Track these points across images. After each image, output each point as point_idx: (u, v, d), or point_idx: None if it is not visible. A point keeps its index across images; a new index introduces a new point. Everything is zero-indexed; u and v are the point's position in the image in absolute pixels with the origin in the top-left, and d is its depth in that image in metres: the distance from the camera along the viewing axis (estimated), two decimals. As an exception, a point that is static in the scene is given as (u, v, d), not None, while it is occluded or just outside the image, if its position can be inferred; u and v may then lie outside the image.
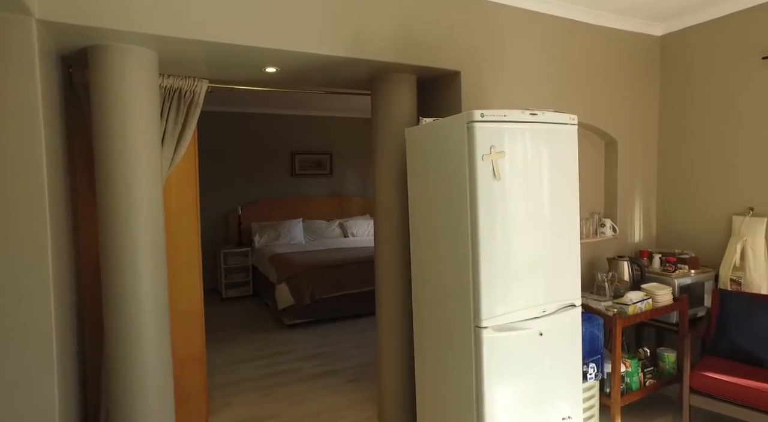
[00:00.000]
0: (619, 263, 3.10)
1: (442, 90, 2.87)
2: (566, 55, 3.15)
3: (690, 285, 3.09)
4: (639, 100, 3.53)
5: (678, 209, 3.54)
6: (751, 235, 3.04)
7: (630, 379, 2.79)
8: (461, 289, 2.07)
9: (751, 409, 2.41)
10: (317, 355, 4.15)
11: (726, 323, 2.80)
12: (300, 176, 7.09)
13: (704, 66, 3.34)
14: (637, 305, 2.74)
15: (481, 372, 2.01)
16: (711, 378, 2.53)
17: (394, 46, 2.51)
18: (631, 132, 3.50)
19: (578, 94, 3.20)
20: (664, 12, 3.29)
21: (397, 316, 2.76)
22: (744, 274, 3.04)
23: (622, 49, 3.41)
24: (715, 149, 3.31)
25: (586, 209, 3.40)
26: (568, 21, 3.14)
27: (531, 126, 2.11)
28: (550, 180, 2.19)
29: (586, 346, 2.53)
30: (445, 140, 2.14)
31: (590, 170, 3.46)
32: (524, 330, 2.10)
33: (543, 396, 2.20)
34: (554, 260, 2.21)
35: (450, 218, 2.13)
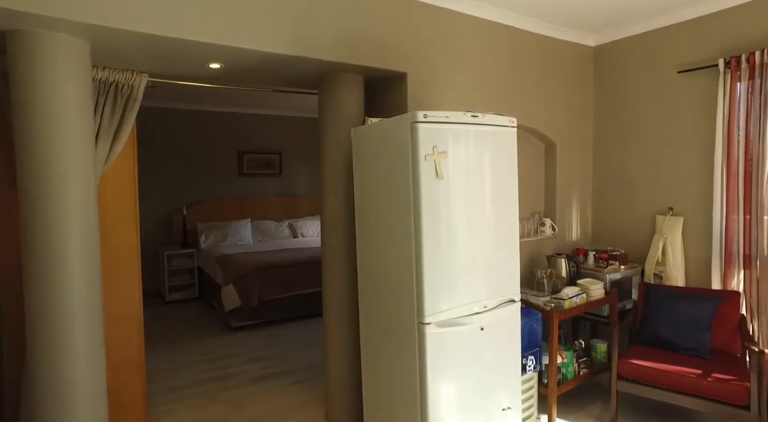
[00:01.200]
0: (558, 260, 3.27)
1: (389, 91, 2.91)
2: (508, 62, 3.28)
3: (620, 280, 3.31)
4: (576, 106, 3.74)
5: (610, 209, 3.78)
6: (671, 233, 3.29)
7: (566, 369, 2.95)
8: (405, 287, 2.11)
9: (668, 390, 2.63)
10: (265, 357, 4.08)
11: (649, 314, 3.02)
12: (248, 176, 6.94)
13: (631, 76, 3.59)
14: (573, 299, 2.89)
15: (425, 367, 2.06)
16: (635, 365, 2.73)
17: (342, 46, 2.53)
18: (569, 136, 3.70)
19: (520, 99, 3.34)
20: (596, 25, 3.50)
21: (344, 315, 2.78)
22: (665, 268, 3.29)
23: (560, 57, 3.60)
24: (640, 154, 3.56)
25: (527, 209, 3.56)
26: (511, 29, 3.27)
27: (473, 128, 2.19)
28: (491, 181, 2.28)
29: (526, 339, 2.65)
30: (389, 140, 2.18)
31: (532, 171, 3.62)
32: (466, 325, 2.17)
33: (484, 389, 2.29)
34: (495, 257, 2.30)
35: (394, 217, 2.17)
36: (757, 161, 2.92)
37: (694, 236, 3.27)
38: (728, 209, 3.06)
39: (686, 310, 2.90)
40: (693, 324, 2.84)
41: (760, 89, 2.89)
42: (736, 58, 2.96)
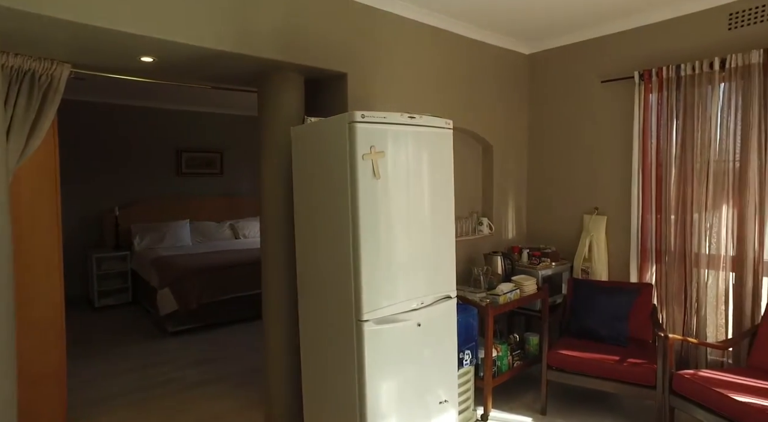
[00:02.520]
0: (494, 258, 3.41)
1: (330, 91, 2.92)
2: (448, 65, 3.38)
3: (551, 276, 3.50)
4: (512, 110, 3.91)
5: (543, 209, 3.99)
6: (596, 231, 3.53)
7: (501, 362, 3.08)
8: (343, 285, 2.13)
9: (591, 377, 2.82)
10: (203, 362, 3.96)
11: (576, 307, 3.22)
12: (187, 176, 6.69)
13: (561, 84, 3.81)
14: (507, 295, 3.03)
15: (363, 365, 2.09)
16: (563, 355, 2.90)
17: (281, 44, 2.51)
18: (506, 139, 3.87)
19: (458, 102, 3.46)
20: (529, 34, 3.69)
21: (284, 316, 2.75)
22: (591, 264, 3.53)
23: (497, 63, 3.76)
24: (570, 157, 3.79)
25: (465, 208, 3.68)
26: (450, 34, 3.38)
27: (410, 129, 2.25)
28: (429, 180, 2.34)
29: (462, 334, 2.74)
30: (328, 139, 2.19)
31: (470, 172, 3.76)
32: (404, 321, 2.22)
33: (422, 383, 2.35)
34: (433, 255, 2.37)
35: (333, 217, 2.18)
36: (666, 165, 3.20)
37: (616, 233, 3.52)
38: (643, 209, 3.33)
39: (608, 302, 3.11)
40: (613, 315, 3.06)
41: (667, 101, 3.17)
42: (648, 71, 3.22)
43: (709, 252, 3.06)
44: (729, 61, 2.88)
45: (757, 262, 2.88)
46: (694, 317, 3.14)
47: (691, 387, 2.48)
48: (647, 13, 3.23)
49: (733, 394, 2.31)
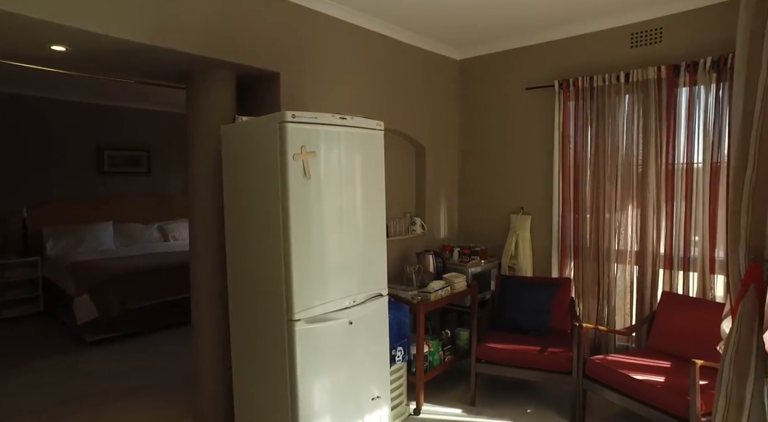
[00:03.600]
0: (426, 256, 3.52)
1: (263, 90, 2.88)
2: (382, 69, 3.45)
3: (480, 273, 3.67)
4: (444, 113, 4.06)
5: (474, 209, 4.17)
6: (522, 229, 3.75)
7: (432, 358, 3.19)
8: (275, 285, 2.12)
9: (516, 367, 2.99)
10: (128, 372, 3.74)
11: (503, 302, 3.41)
12: (110, 175, 6.27)
13: (489, 89, 4.01)
14: (438, 292, 3.14)
15: (294, 365, 2.09)
16: (490, 348, 3.05)
17: (211, 40, 2.44)
18: (438, 141, 4.00)
19: (392, 104, 3.53)
20: (460, 40, 3.85)
21: (214, 320, 2.68)
22: (517, 261, 3.74)
23: (430, 67, 3.88)
24: (498, 159, 3.99)
25: (399, 208, 3.77)
26: (385, 37, 3.45)
27: (342, 129, 2.28)
28: (361, 181, 2.39)
29: (395, 332, 2.81)
30: (258, 139, 2.17)
31: (404, 173, 3.85)
32: (335, 320, 2.25)
33: (355, 381, 2.38)
34: (364, 254, 2.41)
35: (263, 217, 2.16)
36: (582, 168, 3.47)
37: (540, 232, 3.76)
38: (563, 209, 3.58)
39: (532, 297, 3.32)
40: (536, 308, 3.27)
41: (583, 109, 3.44)
42: (566, 81, 3.48)
43: (618, 248, 3.36)
44: (632, 75, 3.18)
45: (655, 256, 3.20)
46: (605, 307, 3.43)
47: (600, 370, 2.71)
48: (565, 27, 3.49)
49: (633, 374, 2.57)
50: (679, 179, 3.11)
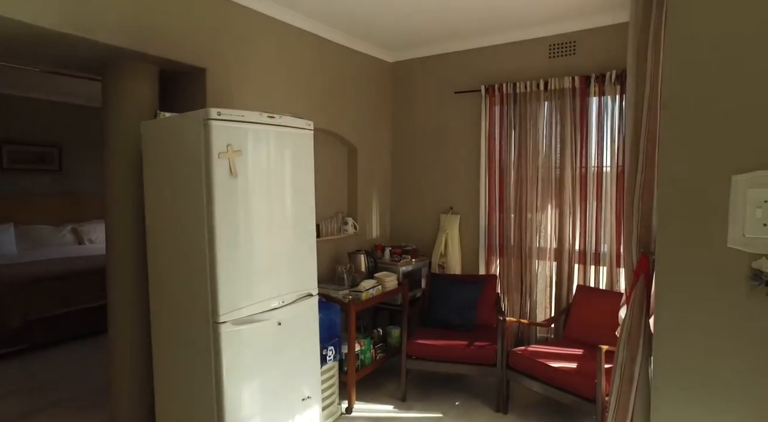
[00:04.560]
0: (358, 256, 3.55)
1: (188, 86, 2.77)
2: (314, 68, 3.43)
3: (411, 271, 3.76)
4: (377, 114, 4.11)
5: (406, 209, 4.26)
6: (451, 229, 3.89)
7: (364, 356, 3.22)
8: (199, 287, 2.05)
9: (445, 362, 3.10)
10: (32, 389, 3.43)
11: (433, 299, 3.52)
12: (12, 172, 5.70)
13: (420, 92, 4.12)
14: (369, 291, 3.18)
15: (221, 368, 2.03)
16: (420, 345, 3.14)
17: (129, 30, 2.31)
18: (371, 142, 4.05)
19: (324, 104, 3.53)
20: (392, 43, 3.92)
21: (134, 326, 2.54)
22: (446, 259, 3.87)
23: (362, 69, 3.92)
24: (429, 160, 4.11)
25: (331, 208, 3.77)
26: (318, 37, 3.44)
27: (271, 128, 2.25)
28: (290, 180, 2.37)
29: (326, 331, 2.81)
30: (182, 136, 2.09)
31: (336, 174, 3.86)
32: (264, 321, 2.21)
33: (285, 382, 2.36)
34: (294, 254, 2.40)
35: (188, 216, 2.08)
36: (507, 170, 3.67)
37: (468, 231, 3.91)
38: (489, 208, 3.76)
39: (460, 293, 3.45)
40: (464, 304, 3.40)
41: (507, 113, 3.64)
42: (492, 86, 3.66)
43: (539, 246, 3.58)
44: (550, 84, 3.41)
45: (571, 252, 3.45)
46: (528, 301, 3.64)
47: (522, 361, 2.88)
48: (490, 36, 3.66)
49: (550, 362, 2.76)
50: (591, 182, 3.38)
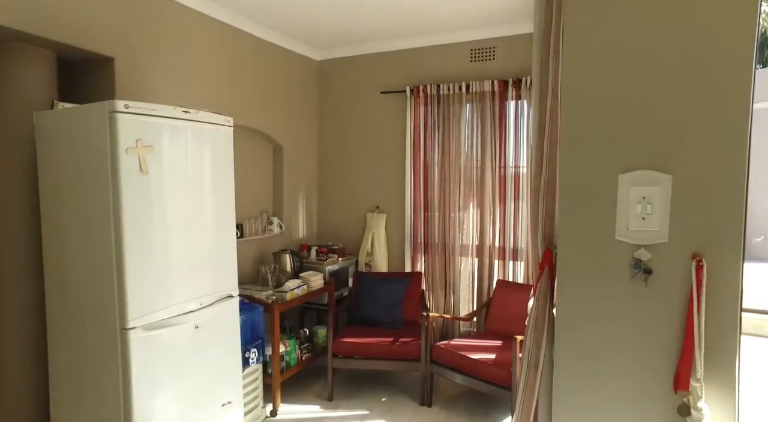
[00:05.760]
0: (283, 256, 3.48)
1: (93, 76, 2.57)
2: (238, 64, 3.32)
3: (338, 270, 3.76)
4: (303, 112, 4.06)
5: (332, 208, 4.25)
6: (377, 227, 3.93)
7: (289, 357, 3.17)
8: (105, 291, 1.91)
9: (371, 359, 3.14)
10: None
11: (359, 297, 3.54)
12: None
13: (347, 91, 4.13)
14: (295, 291, 3.14)
15: (129, 378, 1.91)
16: (346, 343, 3.15)
17: (16, 9, 2.09)
18: (297, 140, 3.99)
19: (248, 101, 3.42)
20: (318, 42, 3.89)
21: (25, 336, 2.30)
22: (373, 258, 3.91)
23: (288, 66, 3.85)
24: (355, 159, 4.12)
25: (255, 208, 3.67)
26: (240, 31, 3.32)
27: (188, 124, 2.14)
28: (210, 178, 2.28)
29: (248, 333, 2.73)
30: (84, 129, 1.94)
31: (261, 172, 3.76)
32: (180, 325, 2.11)
33: (204, 387, 2.26)
34: (213, 254, 2.30)
35: (91, 215, 1.93)
36: (431, 170, 3.77)
37: (394, 229, 3.98)
38: (415, 207, 3.85)
39: (386, 291, 3.50)
40: (390, 302, 3.45)
41: (431, 114, 3.74)
42: (417, 87, 3.74)
43: (462, 243, 3.72)
44: (471, 86, 3.55)
45: (491, 249, 3.62)
46: (452, 297, 3.77)
47: (444, 354, 2.98)
48: (415, 38, 3.75)
49: (470, 354, 2.88)
50: (510, 182, 3.56)
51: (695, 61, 1.24)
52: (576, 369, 1.41)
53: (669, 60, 1.26)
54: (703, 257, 1.24)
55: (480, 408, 3.10)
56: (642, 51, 1.29)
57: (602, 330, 1.37)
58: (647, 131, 1.30)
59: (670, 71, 1.27)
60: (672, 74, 1.26)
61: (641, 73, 1.30)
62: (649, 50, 1.28)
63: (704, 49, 1.22)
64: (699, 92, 1.24)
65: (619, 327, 1.35)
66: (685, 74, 1.25)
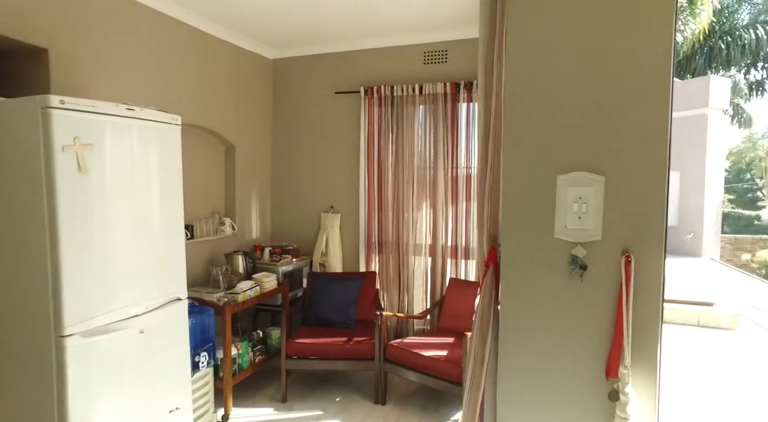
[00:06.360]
0: (235, 257, 3.41)
1: (25, 69, 2.42)
2: (187, 61, 3.22)
3: (292, 271, 3.72)
4: (256, 111, 3.99)
5: (287, 208, 4.20)
6: (332, 227, 3.93)
7: (242, 360, 3.11)
8: (39, 296, 1.81)
9: (325, 359, 3.13)
10: None
11: (314, 298, 3.52)
12: None
13: (302, 90, 4.10)
14: (247, 292, 3.08)
15: (65, 389, 1.81)
16: (300, 343, 3.13)
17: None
18: (249, 139, 3.91)
19: (196, 98, 3.33)
20: (272, 39, 3.84)
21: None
22: (328, 258, 3.90)
23: (241, 64, 3.77)
24: (310, 159, 4.10)
25: (207, 208, 3.58)
26: (189, 27, 3.23)
27: (132, 122, 2.07)
28: (156, 178, 2.20)
29: (198, 337, 2.67)
30: (12, 125, 1.82)
31: (212, 172, 3.66)
32: (123, 330, 2.02)
33: (150, 394, 2.18)
34: (160, 256, 2.23)
35: (22, 215, 1.82)
36: (385, 170, 3.81)
37: (348, 229, 3.98)
38: (369, 207, 3.87)
39: (340, 291, 3.50)
40: (344, 302, 3.46)
41: (385, 115, 3.78)
42: (371, 88, 3.77)
43: (415, 242, 3.77)
44: (424, 88, 3.61)
45: (444, 247, 3.70)
46: (406, 295, 3.82)
47: (398, 352, 3.02)
48: (369, 39, 3.77)
49: (423, 351, 2.93)
50: (461, 182, 3.65)
51: (622, 72, 1.33)
52: (519, 363, 1.47)
53: (599, 70, 1.35)
54: (631, 253, 1.33)
55: (433, 404, 3.16)
56: (576, 60, 1.37)
57: (543, 324, 1.44)
58: (582, 134, 1.38)
59: (600, 80, 1.35)
60: (602, 83, 1.35)
61: (575, 81, 1.37)
62: (582, 60, 1.36)
63: (629, 61, 1.32)
64: (625, 100, 1.33)
65: (558, 321, 1.42)
66: (612, 84, 1.34)
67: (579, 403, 1.41)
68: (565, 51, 1.38)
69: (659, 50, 1.29)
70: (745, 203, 18.54)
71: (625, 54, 1.32)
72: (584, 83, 1.36)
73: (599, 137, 1.36)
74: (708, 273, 7.98)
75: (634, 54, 1.31)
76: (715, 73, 10.93)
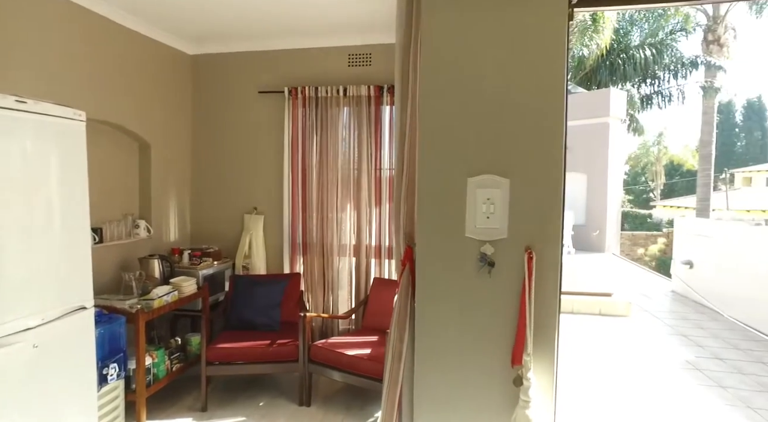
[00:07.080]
0: (150, 261, 3.23)
1: None
2: (96, 54, 3.00)
3: (213, 274, 3.59)
4: (174, 108, 3.79)
5: (207, 210, 4.04)
6: (255, 229, 3.84)
7: (157, 369, 2.95)
8: None
9: (248, 363, 3.06)
10: None
11: (236, 301, 3.42)
12: None
13: (224, 88, 3.96)
14: (163, 298, 2.93)
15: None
16: (221, 349, 3.03)
17: None
18: (166, 138, 3.72)
19: (105, 93, 3.10)
20: (191, 34, 3.68)
21: None
22: (251, 260, 3.81)
23: (156, 58, 3.57)
24: (232, 159, 3.98)
25: (118, 210, 3.35)
26: (101, 17, 3.01)
27: (27, 116, 1.90)
28: (57, 178, 2.04)
29: (107, 347, 2.50)
30: None
31: (124, 172, 3.44)
32: (12, 345, 1.85)
33: (48, 414, 2.01)
34: (61, 263, 2.07)
35: None
36: (309, 171, 3.79)
37: (272, 230, 3.91)
38: (293, 208, 3.84)
39: (263, 293, 3.44)
40: (268, 304, 3.40)
41: (309, 116, 3.77)
42: (295, 89, 3.74)
43: (340, 243, 3.79)
44: (349, 90, 3.65)
45: (368, 248, 3.75)
46: (331, 296, 3.82)
47: (322, 353, 3.03)
48: (294, 39, 3.73)
49: (347, 351, 2.97)
50: (385, 184, 3.72)
51: (523, 84, 1.45)
52: (434, 359, 1.55)
53: (503, 82, 1.46)
54: (533, 249, 1.45)
55: (358, 402, 3.20)
56: (483, 72, 1.47)
57: (457, 319, 1.53)
58: (489, 140, 1.48)
59: (504, 91, 1.46)
60: (505, 94, 1.46)
61: (482, 89, 1.48)
62: (488, 71, 1.47)
63: (529, 75, 1.44)
64: (526, 110, 1.45)
65: (469, 314, 1.52)
66: (515, 94, 1.45)
67: (489, 392, 1.51)
68: (473, 62, 1.47)
69: (555, 67, 1.42)
70: (640, 203, 20.76)
71: (525, 68, 1.44)
72: (489, 93, 1.47)
73: (505, 143, 1.47)
74: (609, 267, 8.80)
75: (534, 69, 1.44)
76: (615, 86, 12.08)
